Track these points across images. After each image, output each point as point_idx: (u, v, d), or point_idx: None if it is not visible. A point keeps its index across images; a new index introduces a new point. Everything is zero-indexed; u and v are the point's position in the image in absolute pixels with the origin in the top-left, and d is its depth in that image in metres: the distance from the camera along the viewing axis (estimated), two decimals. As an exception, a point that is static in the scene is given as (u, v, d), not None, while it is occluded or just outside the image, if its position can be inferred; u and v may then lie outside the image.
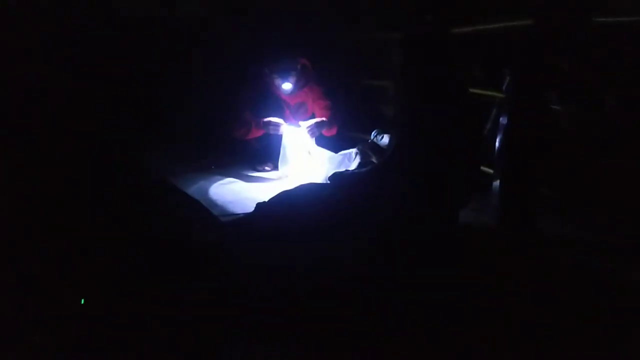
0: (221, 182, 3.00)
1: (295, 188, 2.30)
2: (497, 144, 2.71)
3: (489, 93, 3.12)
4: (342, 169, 2.62)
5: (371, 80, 3.79)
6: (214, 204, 2.63)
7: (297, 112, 3.30)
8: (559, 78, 2.86)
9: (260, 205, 2.27)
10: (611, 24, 2.84)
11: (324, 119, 3.14)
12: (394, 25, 3.22)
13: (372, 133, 3.06)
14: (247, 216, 2.26)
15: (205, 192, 2.80)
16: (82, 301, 1.62)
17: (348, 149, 2.92)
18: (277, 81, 3.17)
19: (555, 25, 2.57)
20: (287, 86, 3.18)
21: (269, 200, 2.26)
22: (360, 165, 2.73)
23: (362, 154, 2.78)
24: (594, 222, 2.85)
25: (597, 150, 3.20)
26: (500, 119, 2.67)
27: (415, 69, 2.18)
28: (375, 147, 2.86)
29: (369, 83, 3.79)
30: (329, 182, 2.54)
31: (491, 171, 2.70)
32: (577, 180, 3.27)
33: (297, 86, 3.21)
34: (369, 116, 3.65)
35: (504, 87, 3.09)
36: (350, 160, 2.81)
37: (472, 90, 3.02)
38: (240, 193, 2.82)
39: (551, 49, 2.62)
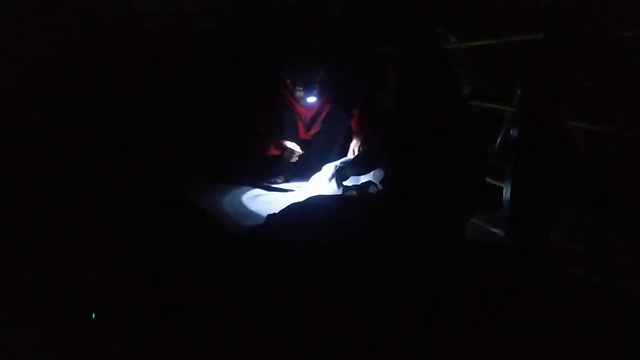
0: (232, 193, 3.03)
1: (306, 200, 2.32)
2: (507, 157, 2.71)
3: (500, 107, 3.12)
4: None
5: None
6: (224, 215, 2.65)
7: (311, 124, 3.34)
8: (570, 92, 2.86)
9: (270, 217, 2.28)
10: (629, 37, 2.82)
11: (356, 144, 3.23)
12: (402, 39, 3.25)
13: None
14: (257, 228, 2.28)
15: (216, 204, 2.83)
16: (93, 315, 1.63)
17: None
18: (299, 93, 3.20)
19: (567, 38, 2.57)
20: (311, 99, 3.22)
21: (279, 212, 2.27)
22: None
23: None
24: (607, 238, 2.84)
25: (610, 165, 3.19)
26: (511, 132, 2.67)
27: (411, 81, 2.19)
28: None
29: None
30: (340, 193, 2.56)
31: (501, 185, 2.70)
32: (589, 194, 3.26)
33: (316, 98, 3.25)
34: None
35: (514, 101, 3.10)
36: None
37: (482, 104, 3.05)
38: (251, 205, 2.84)
39: (563, 62, 2.62)
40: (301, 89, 3.18)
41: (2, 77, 3.45)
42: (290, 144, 3.16)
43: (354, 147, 3.22)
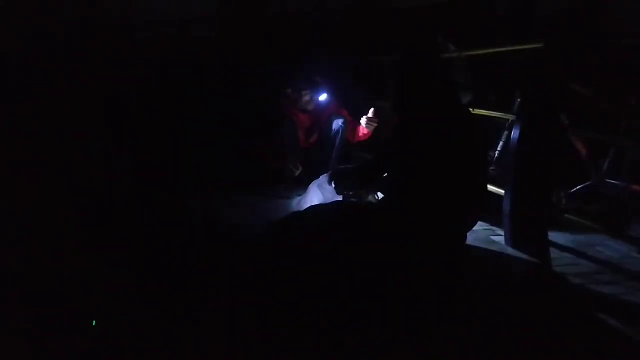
0: (233, 201, 3.03)
1: (306, 209, 2.32)
2: (508, 165, 2.72)
3: (501, 115, 3.13)
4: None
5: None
6: (224, 222, 2.65)
7: (311, 132, 3.34)
8: (570, 100, 2.87)
9: (271, 226, 2.28)
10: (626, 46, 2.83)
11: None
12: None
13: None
14: (258, 236, 2.27)
15: (216, 211, 2.83)
16: (94, 323, 1.64)
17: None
18: (306, 98, 3.21)
19: (567, 47, 2.58)
20: (323, 97, 3.24)
21: (280, 221, 2.27)
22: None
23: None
24: (606, 242, 2.84)
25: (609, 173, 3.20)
26: (511, 140, 2.68)
27: (409, 88, 2.19)
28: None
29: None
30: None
31: (502, 192, 2.70)
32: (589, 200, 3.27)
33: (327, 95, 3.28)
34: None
35: (514, 109, 3.11)
36: None
37: (483, 112, 3.05)
38: (251, 212, 2.83)
39: (562, 71, 2.62)
40: (307, 92, 3.19)
41: (3, 80, 3.48)
42: (292, 160, 3.16)
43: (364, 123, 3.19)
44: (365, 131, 3.25)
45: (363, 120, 3.19)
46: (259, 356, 1.56)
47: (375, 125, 3.15)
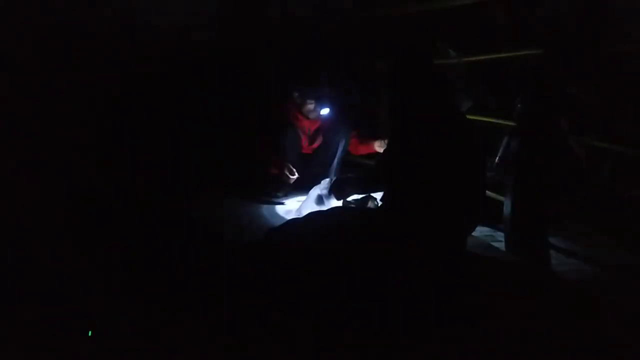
0: (232, 207, 3.02)
1: (305, 216, 2.32)
2: (508, 171, 2.72)
3: (501, 121, 3.13)
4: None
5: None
6: (223, 229, 2.65)
7: (314, 138, 3.33)
8: (569, 106, 2.87)
9: (269, 232, 2.28)
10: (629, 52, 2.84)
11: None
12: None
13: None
14: (256, 243, 2.27)
15: (215, 218, 2.82)
16: (90, 333, 1.64)
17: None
18: (309, 106, 3.20)
19: (566, 51, 2.59)
20: (325, 111, 3.20)
21: (278, 227, 2.28)
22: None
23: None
24: (606, 249, 2.85)
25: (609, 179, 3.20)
26: (511, 146, 2.69)
27: (402, 92, 2.19)
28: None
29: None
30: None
31: (502, 198, 2.71)
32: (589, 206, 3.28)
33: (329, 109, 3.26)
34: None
35: (514, 115, 3.11)
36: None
37: (483, 118, 3.05)
38: (250, 219, 2.82)
39: (562, 76, 2.63)
40: (312, 102, 3.17)
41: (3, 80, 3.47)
42: (288, 166, 3.15)
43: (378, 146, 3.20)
44: (370, 150, 3.25)
45: (377, 145, 3.20)
46: (259, 357, 1.57)
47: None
